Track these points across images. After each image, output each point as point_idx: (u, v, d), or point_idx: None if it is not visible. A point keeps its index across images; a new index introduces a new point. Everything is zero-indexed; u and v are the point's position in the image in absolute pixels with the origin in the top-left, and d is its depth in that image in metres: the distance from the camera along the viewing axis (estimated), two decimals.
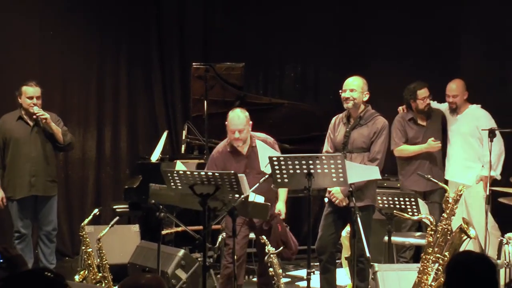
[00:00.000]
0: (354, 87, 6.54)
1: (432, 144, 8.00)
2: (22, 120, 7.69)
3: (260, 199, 6.32)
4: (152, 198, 6.32)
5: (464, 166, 8.17)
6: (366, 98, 6.57)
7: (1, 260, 3.78)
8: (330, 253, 6.66)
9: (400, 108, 8.33)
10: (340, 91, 6.61)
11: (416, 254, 8.03)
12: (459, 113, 8.17)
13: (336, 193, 6.38)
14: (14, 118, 7.69)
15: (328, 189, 6.45)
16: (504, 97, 8.87)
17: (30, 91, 7.65)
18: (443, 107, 8.30)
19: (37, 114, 7.55)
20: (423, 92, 8.13)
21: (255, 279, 7.96)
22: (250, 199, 5.99)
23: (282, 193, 6.83)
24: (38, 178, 7.70)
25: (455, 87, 8.15)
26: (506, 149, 8.60)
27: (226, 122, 6.78)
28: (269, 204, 6.32)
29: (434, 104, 8.31)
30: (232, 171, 6.05)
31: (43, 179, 7.73)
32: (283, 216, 6.75)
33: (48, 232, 7.79)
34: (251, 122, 6.87)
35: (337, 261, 7.10)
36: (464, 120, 8.16)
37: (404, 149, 8.10)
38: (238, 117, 6.76)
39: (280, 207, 6.78)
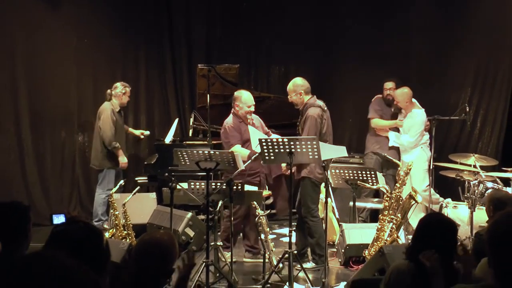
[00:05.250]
0: (289, 93, 6.69)
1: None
2: (120, 112, 8.32)
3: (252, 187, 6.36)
4: (165, 201, 6.39)
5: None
6: (299, 96, 6.58)
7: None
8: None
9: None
10: None
11: (372, 215, 8.07)
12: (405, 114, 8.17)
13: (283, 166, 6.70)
14: (116, 110, 8.24)
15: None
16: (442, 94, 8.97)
17: (129, 92, 8.39)
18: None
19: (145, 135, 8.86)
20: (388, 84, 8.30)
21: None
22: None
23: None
24: (124, 153, 8.34)
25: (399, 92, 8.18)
26: (445, 133, 8.67)
27: (241, 101, 6.82)
28: (262, 191, 6.36)
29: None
30: (230, 151, 6.10)
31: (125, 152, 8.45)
32: None
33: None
34: None
35: None
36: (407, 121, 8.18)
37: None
38: (252, 97, 6.91)
39: None
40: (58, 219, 3.83)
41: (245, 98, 6.83)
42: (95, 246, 2.35)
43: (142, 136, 9.06)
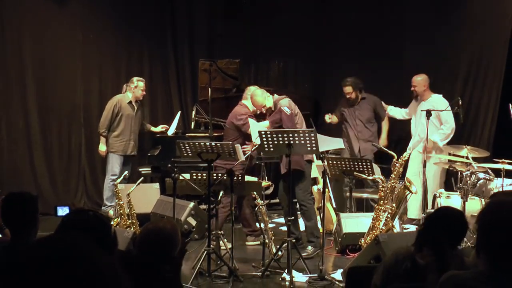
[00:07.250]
0: (260, 108, 6.78)
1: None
2: (131, 104, 8.30)
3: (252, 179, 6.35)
4: (168, 191, 6.42)
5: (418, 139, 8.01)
6: (267, 102, 6.69)
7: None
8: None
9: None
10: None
11: (367, 206, 8.08)
12: (422, 99, 7.92)
13: None
14: (126, 101, 8.28)
15: None
16: (435, 88, 8.91)
17: (144, 86, 8.35)
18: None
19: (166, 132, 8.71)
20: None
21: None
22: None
23: None
24: (135, 143, 8.45)
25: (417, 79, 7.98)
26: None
27: (252, 100, 6.83)
28: (261, 181, 6.35)
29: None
30: (231, 142, 6.09)
31: (136, 143, 8.51)
32: None
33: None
34: None
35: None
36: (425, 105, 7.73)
37: None
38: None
39: None
40: (63, 210, 3.84)
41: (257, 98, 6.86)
42: (103, 235, 2.34)
43: (164, 129, 8.82)
